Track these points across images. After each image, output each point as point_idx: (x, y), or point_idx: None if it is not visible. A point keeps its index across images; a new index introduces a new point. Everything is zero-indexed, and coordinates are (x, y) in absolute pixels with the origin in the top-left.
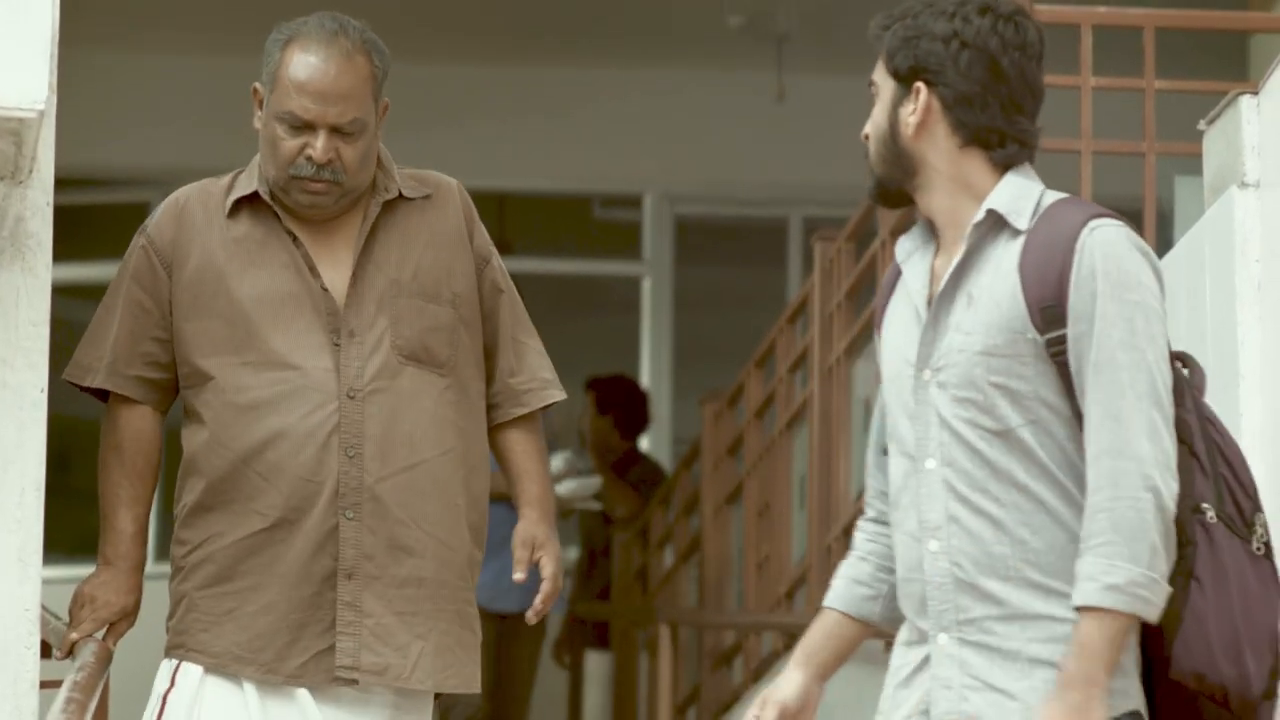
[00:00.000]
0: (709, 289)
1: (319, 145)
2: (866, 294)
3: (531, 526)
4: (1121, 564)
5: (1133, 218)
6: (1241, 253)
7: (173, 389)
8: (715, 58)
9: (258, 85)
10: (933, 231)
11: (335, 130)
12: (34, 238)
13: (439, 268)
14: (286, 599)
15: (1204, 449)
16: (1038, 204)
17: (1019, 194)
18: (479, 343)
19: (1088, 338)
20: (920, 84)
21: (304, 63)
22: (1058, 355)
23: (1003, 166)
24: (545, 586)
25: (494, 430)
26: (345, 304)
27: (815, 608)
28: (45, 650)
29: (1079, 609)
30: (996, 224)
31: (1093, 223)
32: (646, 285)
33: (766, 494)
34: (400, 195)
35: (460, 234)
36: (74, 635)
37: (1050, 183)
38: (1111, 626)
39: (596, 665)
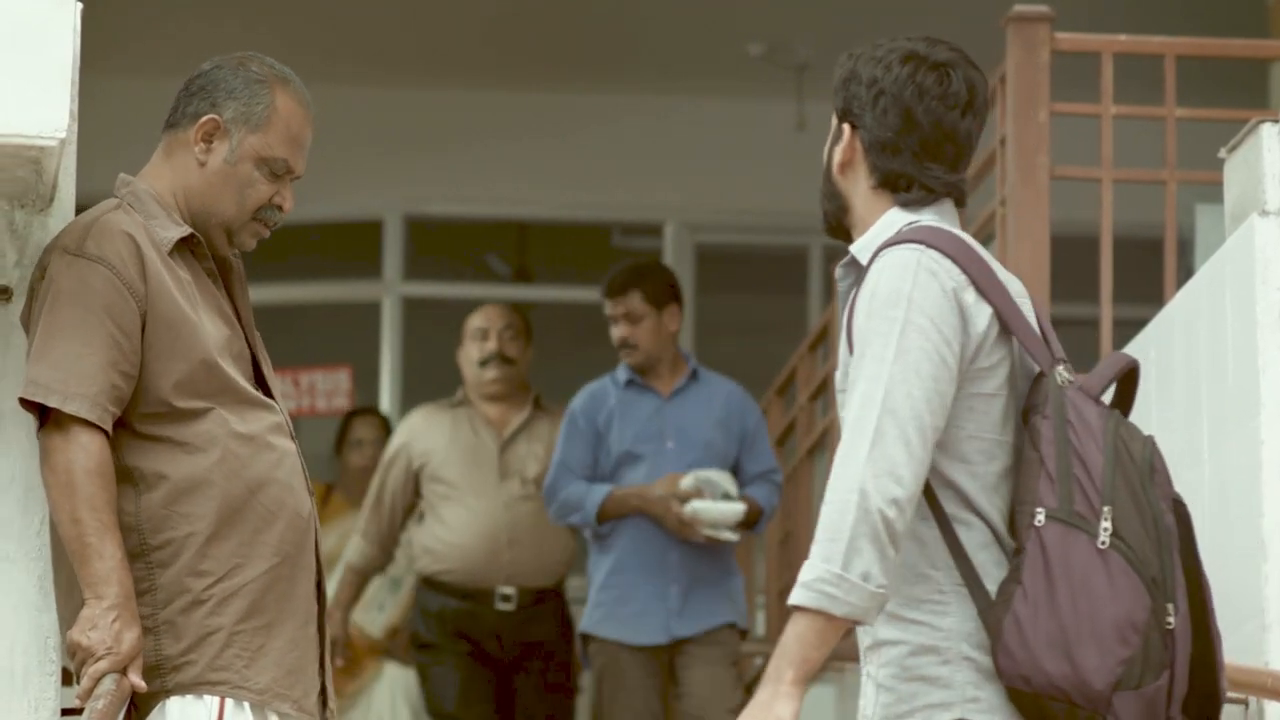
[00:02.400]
0: (730, 317)
1: (288, 194)
2: None
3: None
4: (814, 562)
5: (1154, 245)
6: (1263, 281)
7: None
8: (736, 86)
9: (218, 118)
10: None
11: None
12: None
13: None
14: (304, 636)
15: (1055, 453)
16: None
17: (881, 231)
18: None
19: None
20: (846, 125)
21: (300, 115)
22: None
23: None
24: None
25: None
26: (253, 350)
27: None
28: (66, 678)
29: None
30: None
31: (884, 250)
32: None
33: (788, 522)
34: None
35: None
36: (100, 705)
37: (1071, 211)
38: (800, 623)
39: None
